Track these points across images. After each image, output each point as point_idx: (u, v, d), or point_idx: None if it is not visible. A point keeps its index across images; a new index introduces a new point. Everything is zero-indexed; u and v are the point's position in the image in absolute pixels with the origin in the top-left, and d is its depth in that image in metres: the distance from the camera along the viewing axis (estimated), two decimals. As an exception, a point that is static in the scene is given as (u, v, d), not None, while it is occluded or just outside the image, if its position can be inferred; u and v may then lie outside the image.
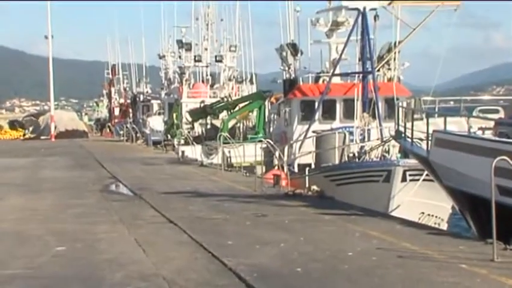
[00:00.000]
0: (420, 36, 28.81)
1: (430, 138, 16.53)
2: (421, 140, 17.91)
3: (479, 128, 16.20)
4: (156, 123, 57.94)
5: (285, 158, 27.83)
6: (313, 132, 28.06)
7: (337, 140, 25.78)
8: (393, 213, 21.03)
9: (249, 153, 32.54)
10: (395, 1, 28.56)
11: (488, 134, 15.85)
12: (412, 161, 20.40)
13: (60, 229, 15.95)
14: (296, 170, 27.65)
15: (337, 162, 25.39)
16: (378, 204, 20.85)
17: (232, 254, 12.60)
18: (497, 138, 15.03)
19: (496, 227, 11.69)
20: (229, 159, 35.10)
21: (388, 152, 24.68)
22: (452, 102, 21.99)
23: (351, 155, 25.33)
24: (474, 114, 18.08)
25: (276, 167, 26.53)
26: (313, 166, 26.20)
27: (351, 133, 26.29)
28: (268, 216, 17.30)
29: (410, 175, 22.03)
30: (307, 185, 22.96)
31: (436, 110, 19.21)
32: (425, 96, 22.72)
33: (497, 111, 18.26)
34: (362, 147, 25.55)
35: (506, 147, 13.69)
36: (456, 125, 17.05)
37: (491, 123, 16.20)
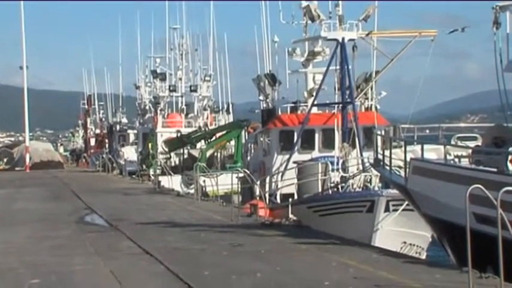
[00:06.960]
0: (392, 66, 28.89)
1: (407, 166, 16.54)
2: (400, 167, 17.91)
3: (456, 156, 16.23)
4: (130, 153, 57.69)
5: (267, 188, 27.70)
6: (294, 162, 27.93)
7: (320, 169, 25.72)
8: (376, 243, 21.00)
9: (227, 182, 32.35)
10: (374, 32, 28.69)
11: (465, 162, 15.89)
12: (395, 191, 20.39)
13: (34, 262, 15.74)
14: (279, 200, 27.48)
15: (319, 191, 25.30)
16: (361, 234, 20.82)
17: (209, 285, 12.50)
18: (473, 166, 15.07)
19: (473, 254, 11.63)
20: (204, 189, 34.91)
21: (370, 182, 24.67)
22: (428, 131, 22.02)
23: (333, 184, 25.30)
24: (452, 141, 18.10)
25: (258, 198, 26.32)
26: (295, 196, 26.08)
27: (331, 163, 26.23)
28: (244, 246, 17.21)
29: (393, 205, 22.04)
30: (290, 215, 22.85)
31: (415, 138, 19.22)
32: (401, 124, 22.75)
33: (475, 139, 18.28)
34: (343, 177, 25.51)
35: (481, 175, 13.72)
36: (435, 152, 17.07)
37: (469, 151, 16.25)
